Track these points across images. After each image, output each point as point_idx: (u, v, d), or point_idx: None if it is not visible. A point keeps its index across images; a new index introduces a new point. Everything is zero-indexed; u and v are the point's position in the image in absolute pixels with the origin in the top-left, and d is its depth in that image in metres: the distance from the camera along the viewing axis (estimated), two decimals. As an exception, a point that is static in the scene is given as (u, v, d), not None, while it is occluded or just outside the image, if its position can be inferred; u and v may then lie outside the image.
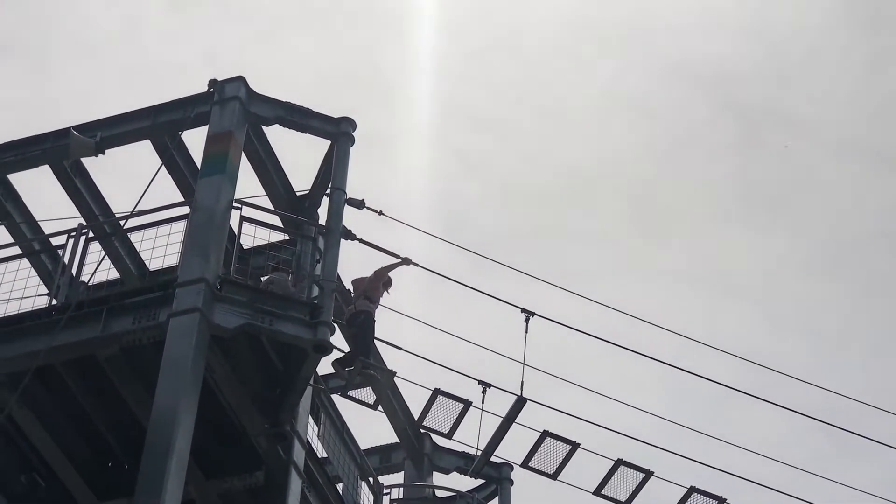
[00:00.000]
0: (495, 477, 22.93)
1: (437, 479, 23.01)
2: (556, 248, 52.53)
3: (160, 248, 17.45)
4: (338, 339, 19.05)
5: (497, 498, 22.87)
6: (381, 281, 19.07)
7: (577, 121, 54.27)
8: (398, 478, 23.03)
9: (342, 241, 17.88)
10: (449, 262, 20.39)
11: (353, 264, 19.89)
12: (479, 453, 18.82)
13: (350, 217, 18.19)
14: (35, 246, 19.07)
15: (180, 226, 17.28)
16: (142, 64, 49.47)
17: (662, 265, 52.98)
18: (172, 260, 17.27)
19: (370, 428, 23.89)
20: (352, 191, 18.33)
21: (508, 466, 22.74)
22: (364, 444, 22.78)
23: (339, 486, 20.10)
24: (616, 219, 54.23)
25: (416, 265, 19.00)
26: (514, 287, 20.38)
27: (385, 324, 19.00)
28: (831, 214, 53.51)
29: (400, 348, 18.85)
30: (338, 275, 18.04)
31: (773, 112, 54.44)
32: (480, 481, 22.97)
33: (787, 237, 53.54)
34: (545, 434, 18.54)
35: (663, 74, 54.93)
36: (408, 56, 49.40)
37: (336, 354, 17.89)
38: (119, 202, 19.47)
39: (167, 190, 19.48)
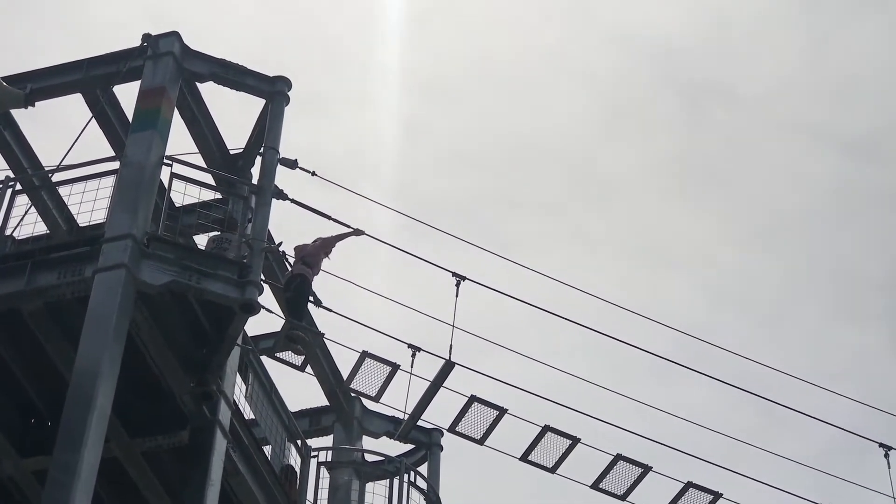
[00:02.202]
0: (425, 442, 22.89)
1: (367, 442, 22.94)
2: (495, 217, 52.60)
3: (90, 203, 17.25)
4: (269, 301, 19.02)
5: (427, 463, 22.82)
6: (327, 249, 18.98)
7: (519, 89, 54.23)
8: (329, 441, 22.95)
9: (276, 201, 17.73)
10: (385, 226, 20.30)
11: (291, 227, 19.87)
12: (406, 417, 18.74)
13: (292, 181, 18.11)
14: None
15: (110, 181, 17.07)
16: (82, 21, 48.90)
17: (601, 236, 53.20)
18: (102, 215, 17.07)
19: (302, 391, 23.78)
20: (292, 153, 18.24)
21: (439, 432, 22.70)
22: (295, 406, 22.70)
23: (268, 449, 20.01)
24: (556, 188, 54.37)
25: (370, 236, 18.93)
26: (450, 254, 20.29)
27: (316, 286, 18.88)
28: (769, 189, 53.90)
29: (330, 310, 18.73)
30: (269, 234, 17.94)
31: (714, 87, 54.65)
32: (410, 446, 22.94)
33: (725, 211, 53.89)
34: (472, 399, 18.48)
35: (607, 45, 55.05)
36: (351, 20, 49.15)
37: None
38: (51, 156, 19.20)
39: (100, 145, 19.29)
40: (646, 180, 54.45)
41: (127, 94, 18.57)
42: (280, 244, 18.87)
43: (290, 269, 19.22)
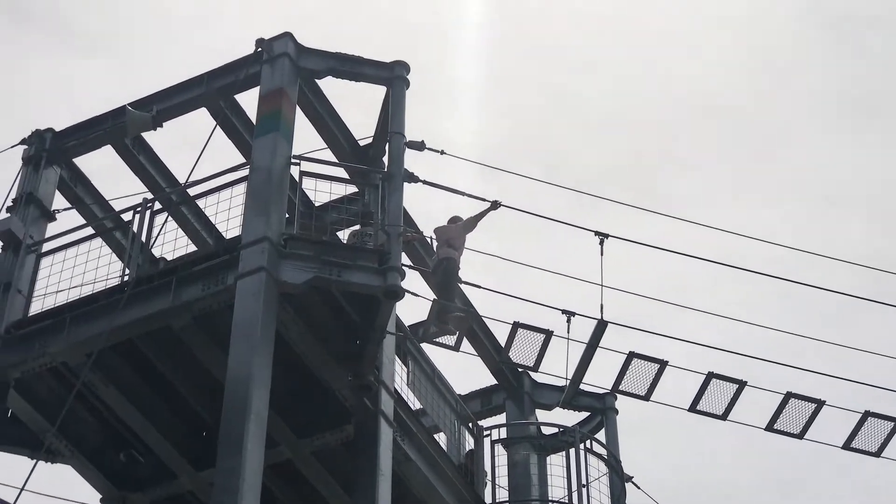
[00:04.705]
0: (599, 407, 22.51)
1: (541, 415, 22.70)
2: (657, 179, 51.76)
3: (232, 212, 17.39)
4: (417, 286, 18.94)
5: (604, 429, 22.46)
6: (469, 230, 18.86)
7: (667, 45, 53.22)
8: (502, 419, 22.79)
9: (409, 185, 17.68)
10: (544, 201, 19.94)
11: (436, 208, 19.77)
12: (567, 383, 18.46)
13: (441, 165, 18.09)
14: (107, 224, 19.08)
15: (243, 188, 17.18)
16: (225, 45, 49.53)
17: (768, 185, 51.86)
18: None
19: (469, 373, 23.65)
20: (448, 143, 18.30)
21: (612, 396, 22.25)
22: (465, 389, 22.64)
23: (442, 437, 19.94)
24: (718, 141, 53.16)
25: (507, 207, 18.74)
26: (615, 221, 19.81)
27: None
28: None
29: (479, 286, 18.57)
30: (410, 218, 17.87)
31: (863, 14, 52.82)
32: (585, 414, 22.63)
33: (894, 139, 52.03)
34: (632, 355, 18.13)
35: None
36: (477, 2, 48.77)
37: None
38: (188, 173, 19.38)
39: (234, 154, 19.49)
40: (807, 121, 52.97)
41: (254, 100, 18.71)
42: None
43: (435, 252, 19.14)
